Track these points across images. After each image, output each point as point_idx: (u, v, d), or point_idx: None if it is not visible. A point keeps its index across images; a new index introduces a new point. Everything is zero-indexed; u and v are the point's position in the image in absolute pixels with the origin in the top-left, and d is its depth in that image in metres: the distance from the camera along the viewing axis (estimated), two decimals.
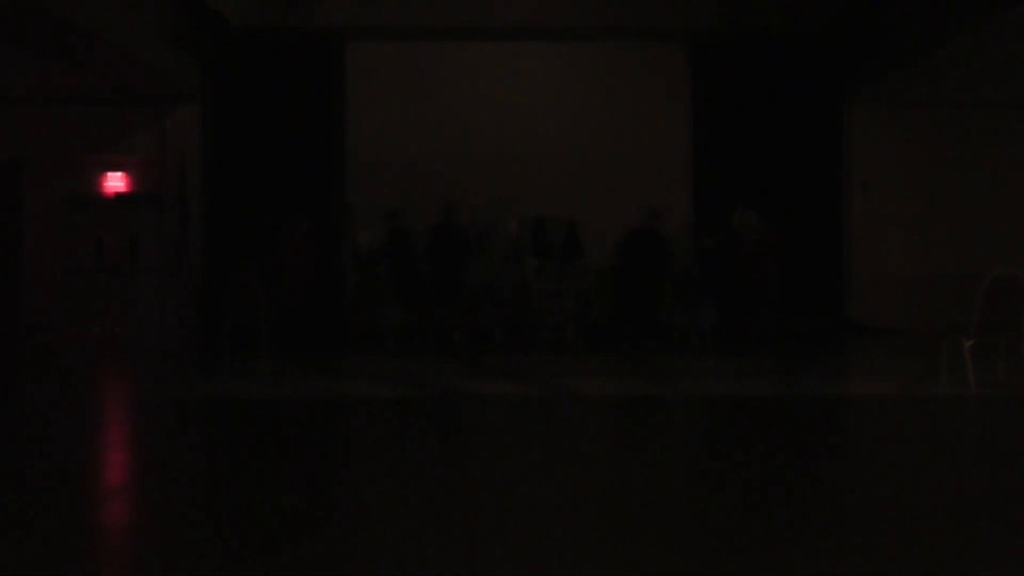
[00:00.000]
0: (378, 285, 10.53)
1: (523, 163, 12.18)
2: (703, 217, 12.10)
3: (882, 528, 3.47)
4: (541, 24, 12.09)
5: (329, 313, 11.67)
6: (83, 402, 6.91)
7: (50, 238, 12.09)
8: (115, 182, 12.20)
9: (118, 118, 12.14)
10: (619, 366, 8.79)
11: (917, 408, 6.44)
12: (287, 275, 11.02)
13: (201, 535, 3.46)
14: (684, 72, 12.45)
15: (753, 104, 12.25)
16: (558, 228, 11.45)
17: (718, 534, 3.47)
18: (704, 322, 10.07)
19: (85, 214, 12.11)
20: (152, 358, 9.91)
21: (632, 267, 10.28)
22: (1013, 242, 12.07)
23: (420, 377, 7.98)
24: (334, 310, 11.75)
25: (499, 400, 6.77)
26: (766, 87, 12.24)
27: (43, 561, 3.13)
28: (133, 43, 9.91)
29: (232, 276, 10.56)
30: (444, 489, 4.11)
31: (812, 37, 12.12)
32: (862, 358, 9.89)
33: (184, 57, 11.50)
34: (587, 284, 11.01)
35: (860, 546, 3.26)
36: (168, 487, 4.23)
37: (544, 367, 8.55)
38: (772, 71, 12.25)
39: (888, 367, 8.62)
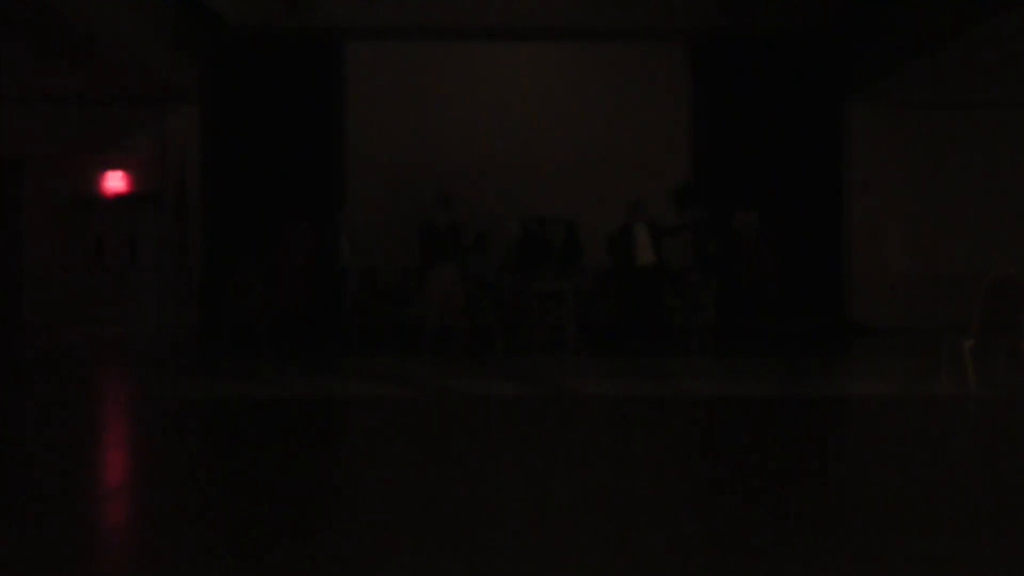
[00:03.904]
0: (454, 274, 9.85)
1: (523, 163, 12.18)
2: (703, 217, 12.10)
3: (882, 528, 3.47)
4: (541, 24, 12.09)
5: (329, 313, 11.66)
6: (83, 402, 6.91)
7: (50, 238, 12.09)
8: (115, 182, 12.21)
9: (118, 118, 12.14)
10: (619, 366, 8.78)
11: (917, 408, 6.44)
12: (287, 275, 11.03)
13: (201, 535, 3.46)
14: (684, 72, 12.45)
15: (753, 104, 12.25)
16: (558, 228, 11.45)
17: (718, 534, 3.47)
18: (704, 322, 10.06)
19: (85, 214, 12.11)
20: (152, 358, 9.91)
21: (624, 265, 10.16)
22: (1013, 242, 12.07)
23: (420, 377, 7.97)
24: (334, 309, 11.73)
25: (499, 400, 6.77)
26: (766, 87, 12.25)
27: (43, 561, 3.13)
28: (133, 43, 9.92)
29: (232, 276, 10.58)
30: (444, 489, 4.11)
31: (812, 37, 12.12)
32: (862, 358, 9.89)
33: (184, 57, 11.51)
34: (587, 284, 11.00)
35: (860, 546, 3.26)
36: (168, 487, 4.23)
37: (544, 367, 8.55)
38: (772, 71, 12.26)
39: (888, 367, 8.62)
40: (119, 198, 12.20)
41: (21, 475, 4.45)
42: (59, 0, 8.12)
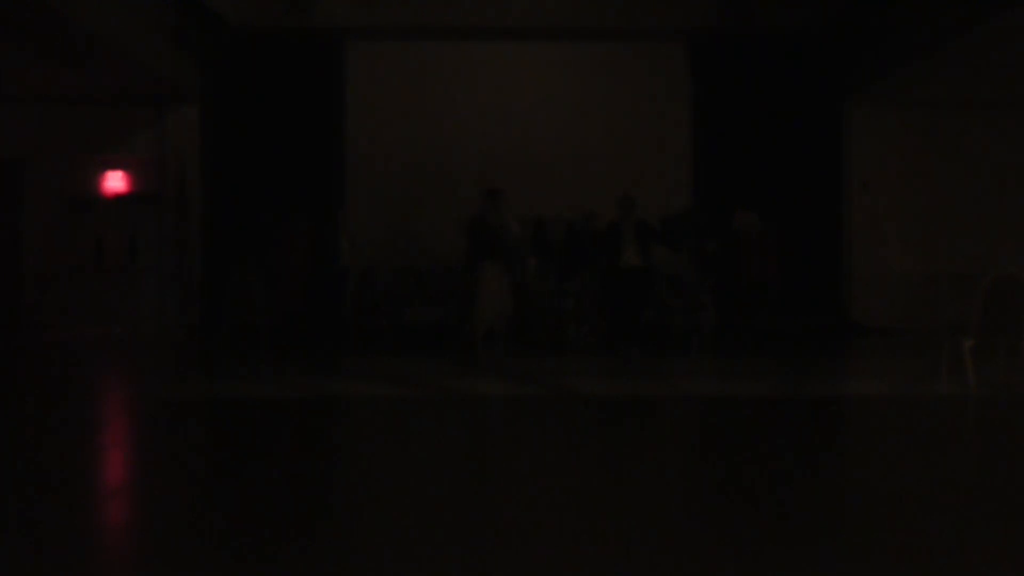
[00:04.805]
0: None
1: (523, 163, 12.18)
2: (703, 217, 12.10)
3: (882, 528, 3.47)
4: (541, 24, 12.10)
5: (329, 313, 11.66)
6: (83, 402, 6.91)
7: (50, 238, 12.09)
8: (115, 182, 12.21)
9: (118, 118, 12.14)
10: (619, 366, 8.77)
11: (917, 408, 6.44)
12: (287, 274, 11.03)
13: (201, 535, 3.46)
14: (684, 72, 12.45)
15: (753, 104, 12.25)
16: (558, 228, 11.44)
17: (718, 534, 3.46)
18: (704, 323, 10.06)
19: (85, 214, 12.11)
20: (152, 358, 9.91)
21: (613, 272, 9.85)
22: (1013, 242, 12.07)
23: (420, 377, 7.97)
24: (334, 309, 11.73)
25: (499, 400, 6.76)
26: (766, 86, 12.25)
27: (43, 561, 3.13)
28: (133, 43, 9.92)
29: (232, 276, 10.59)
30: (443, 489, 4.11)
31: (812, 36, 12.12)
32: (862, 358, 9.89)
33: (184, 57, 11.51)
34: (587, 284, 10.99)
35: (860, 546, 3.26)
36: (168, 487, 4.23)
37: (544, 367, 8.54)
38: (772, 70, 12.26)
39: (888, 367, 8.62)
40: (119, 198, 12.19)
41: (21, 474, 4.45)
42: (59, 0, 8.12)
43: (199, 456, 5.01)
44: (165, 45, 10.91)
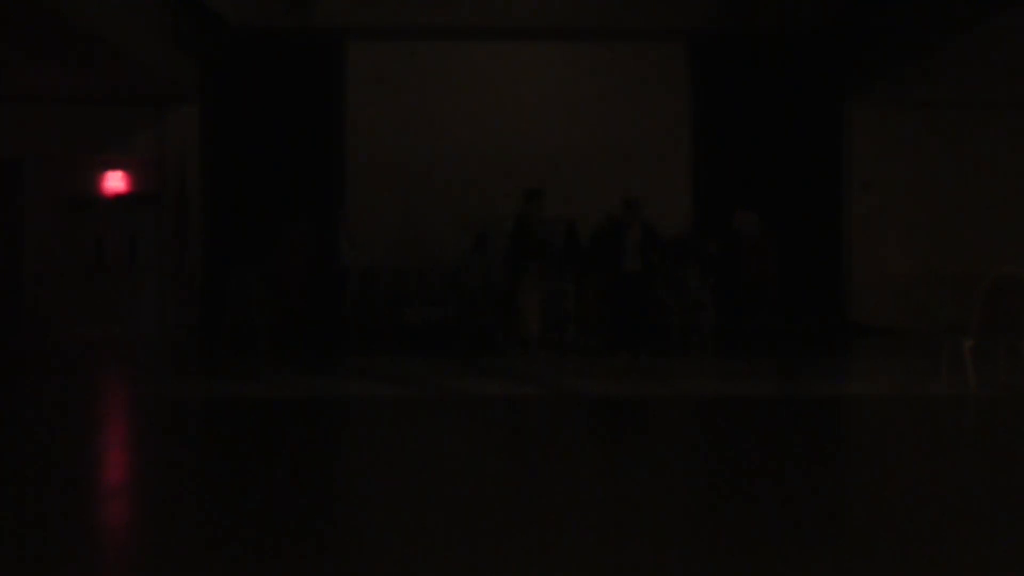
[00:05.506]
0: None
1: (523, 163, 12.17)
2: (703, 217, 12.11)
3: (882, 528, 3.47)
4: (541, 24, 12.10)
5: (329, 313, 11.67)
6: (83, 402, 6.91)
7: (50, 238, 12.10)
8: (115, 182, 12.21)
9: (118, 118, 12.15)
10: (619, 367, 8.77)
11: (917, 408, 6.44)
12: (287, 275, 11.04)
13: (201, 535, 3.46)
14: (684, 72, 12.45)
15: (753, 104, 12.26)
16: (558, 228, 11.43)
17: (717, 535, 3.46)
18: (704, 323, 10.05)
19: (85, 214, 12.12)
20: (152, 358, 9.91)
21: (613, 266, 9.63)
22: (1013, 242, 12.08)
23: (420, 377, 7.97)
24: (334, 309, 11.75)
25: (499, 400, 6.76)
26: (766, 87, 12.25)
27: (43, 561, 3.13)
28: (133, 43, 9.92)
29: (232, 276, 10.59)
30: (444, 489, 4.11)
31: (812, 37, 12.13)
32: (862, 358, 9.89)
33: (184, 57, 11.51)
34: (588, 284, 10.98)
35: (860, 547, 3.26)
36: (168, 487, 4.23)
37: (544, 367, 8.54)
38: (772, 71, 12.26)
39: (888, 367, 8.62)
40: (119, 198, 12.20)
41: (21, 475, 4.45)
42: (59, 0, 8.12)
43: (199, 456, 5.01)
44: (165, 45, 10.92)
